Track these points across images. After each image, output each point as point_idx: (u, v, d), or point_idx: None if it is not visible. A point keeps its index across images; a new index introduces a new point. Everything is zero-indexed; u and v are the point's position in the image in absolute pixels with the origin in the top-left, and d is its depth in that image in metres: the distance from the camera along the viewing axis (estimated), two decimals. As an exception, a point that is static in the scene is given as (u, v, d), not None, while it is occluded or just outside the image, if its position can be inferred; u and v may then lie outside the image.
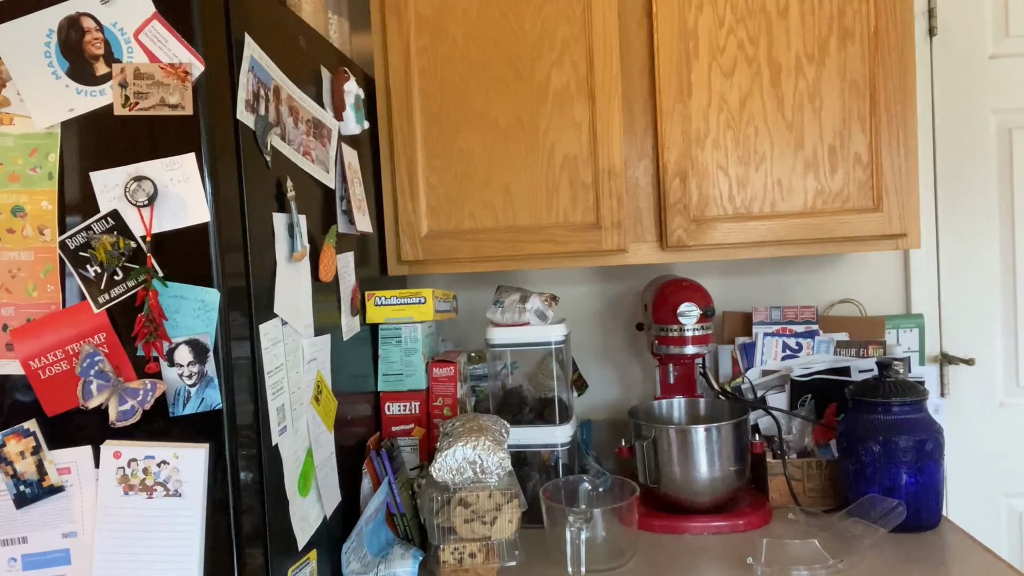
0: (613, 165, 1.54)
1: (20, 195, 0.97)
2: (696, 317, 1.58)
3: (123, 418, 0.96)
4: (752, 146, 1.54)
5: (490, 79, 1.57)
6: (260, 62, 1.08)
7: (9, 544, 0.98)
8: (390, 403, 1.58)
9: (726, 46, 1.53)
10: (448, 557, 1.34)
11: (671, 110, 1.54)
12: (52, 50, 0.96)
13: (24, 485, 0.98)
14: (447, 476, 1.34)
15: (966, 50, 1.85)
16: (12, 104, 0.97)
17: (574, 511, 1.35)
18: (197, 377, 0.97)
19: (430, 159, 1.60)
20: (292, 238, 1.15)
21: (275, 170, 1.12)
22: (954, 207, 1.88)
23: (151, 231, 0.96)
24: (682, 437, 1.51)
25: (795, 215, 1.53)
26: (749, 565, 1.32)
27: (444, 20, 1.57)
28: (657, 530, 1.51)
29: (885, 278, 1.90)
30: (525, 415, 1.64)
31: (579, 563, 1.32)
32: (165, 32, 0.95)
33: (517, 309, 1.61)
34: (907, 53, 1.49)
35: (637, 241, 1.60)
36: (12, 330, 0.97)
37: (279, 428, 1.08)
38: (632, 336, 1.94)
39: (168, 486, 0.96)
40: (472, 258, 1.61)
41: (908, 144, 1.50)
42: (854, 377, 1.65)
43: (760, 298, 1.91)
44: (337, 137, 1.36)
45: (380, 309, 1.56)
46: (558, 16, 1.55)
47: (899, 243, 1.54)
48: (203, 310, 0.96)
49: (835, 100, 1.52)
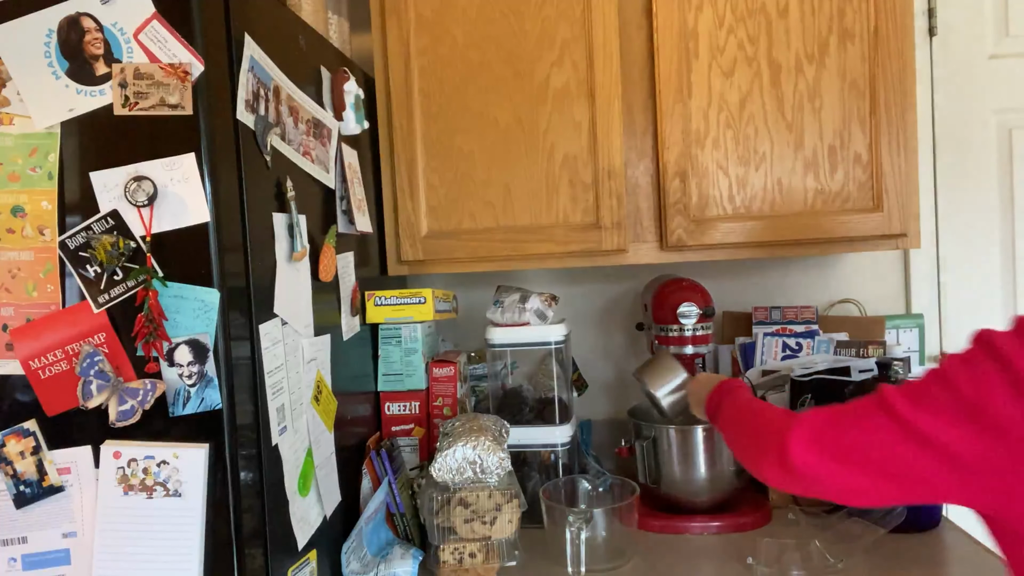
0: (613, 165, 1.54)
1: (20, 195, 0.97)
2: (696, 317, 1.58)
3: (123, 418, 0.96)
4: (752, 146, 1.54)
5: (490, 79, 1.57)
6: (260, 62, 1.08)
7: (9, 544, 0.98)
8: (390, 403, 1.58)
9: (726, 46, 1.53)
10: (448, 557, 1.34)
11: (671, 110, 1.54)
12: (52, 50, 0.96)
13: (24, 485, 0.98)
14: (447, 476, 1.34)
15: (966, 50, 1.85)
16: (12, 104, 0.97)
17: (574, 511, 1.35)
18: (197, 377, 0.97)
19: (430, 159, 1.60)
20: (292, 238, 1.15)
21: (275, 170, 1.12)
22: (954, 207, 1.88)
23: (151, 231, 0.96)
24: (682, 437, 1.51)
25: (795, 215, 1.53)
26: (749, 565, 1.32)
27: (444, 20, 1.57)
28: (657, 530, 1.51)
29: (885, 278, 1.90)
30: (525, 415, 1.64)
31: (579, 563, 1.32)
32: (165, 32, 0.95)
33: (517, 309, 1.61)
34: (907, 53, 1.49)
35: (637, 241, 1.59)
36: (12, 330, 0.97)
37: (279, 428, 1.08)
38: (632, 336, 1.94)
39: (168, 486, 0.96)
40: (472, 258, 1.61)
41: (908, 144, 1.50)
42: (854, 377, 1.65)
43: (760, 298, 1.90)
44: (337, 137, 1.36)
45: (380, 309, 1.56)
46: (558, 16, 1.55)
47: (899, 243, 1.54)
48: (203, 310, 0.96)
49: (835, 100, 1.52)
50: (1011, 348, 0.75)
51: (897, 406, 0.81)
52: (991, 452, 0.75)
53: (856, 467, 0.84)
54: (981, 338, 0.79)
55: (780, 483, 0.93)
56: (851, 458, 0.85)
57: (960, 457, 0.77)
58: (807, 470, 0.88)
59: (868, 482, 0.84)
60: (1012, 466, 0.74)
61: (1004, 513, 0.77)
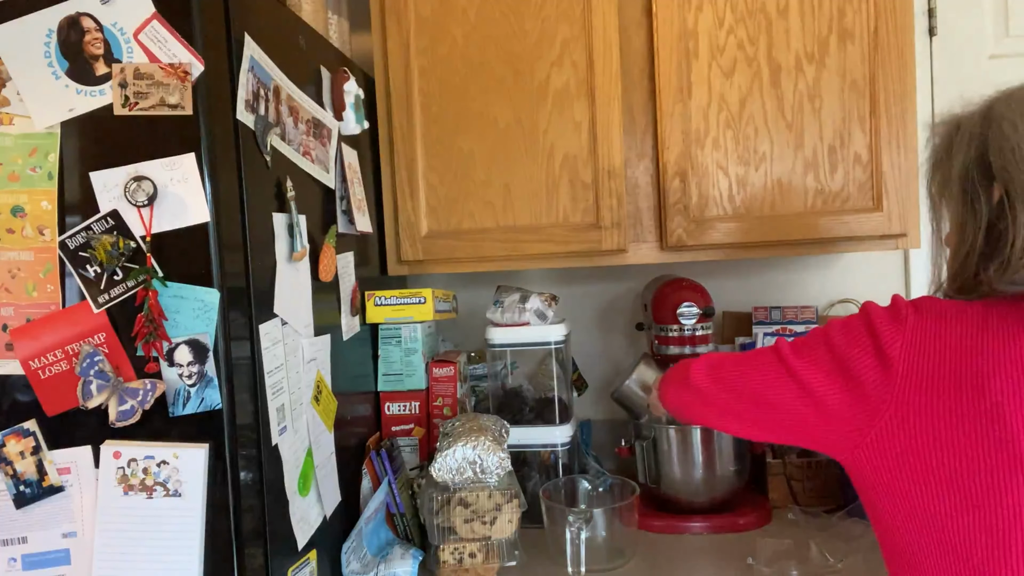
0: (613, 165, 1.54)
1: (20, 195, 0.97)
2: (696, 317, 1.58)
3: (123, 418, 0.96)
4: (752, 146, 1.54)
5: (490, 79, 1.57)
6: (260, 62, 1.08)
7: (9, 544, 0.98)
8: (390, 403, 1.58)
9: (726, 46, 1.53)
10: (448, 557, 1.34)
11: (671, 110, 1.54)
12: (52, 50, 0.96)
13: (24, 485, 0.98)
14: (447, 476, 1.34)
15: (966, 50, 1.85)
16: (12, 104, 0.97)
17: (574, 511, 1.35)
18: (197, 377, 0.97)
19: (430, 159, 1.60)
20: (292, 238, 1.15)
21: (275, 170, 1.12)
22: (954, 207, 1.88)
23: (151, 231, 0.96)
24: (682, 437, 1.51)
25: (795, 215, 1.53)
26: (749, 565, 1.32)
27: (444, 20, 1.57)
28: (657, 530, 1.51)
29: (885, 278, 1.90)
30: (525, 415, 1.64)
31: (579, 563, 1.32)
32: (165, 32, 0.95)
33: (517, 309, 1.61)
34: (907, 53, 1.49)
35: (637, 241, 1.59)
36: (12, 330, 0.97)
37: (279, 428, 1.08)
38: (632, 336, 1.94)
39: (168, 486, 0.96)
40: (472, 258, 1.61)
41: (908, 144, 1.50)
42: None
43: (760, 298, 1.90)
44: (337, 137, 1.36)
45: (380, 309, 1.56)
46: (558, 16, 1.55)
47: (899, 243, 1.54)
48: (203, 310, 0.96)
49: (835, 100, 1.52)
50: (882, 323, 0.88)
51: (784, 352, 0.97)
52: (853, 406, 0.88)
53: (738, 393, 1.02)
54: (864, 309, 0.92)
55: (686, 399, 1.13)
56: (735, 385, 1.03)
57: (827, 404, 0.91)
58: (700, 386, 1.08)
59: (744, 407, 1.02)
60: (868, 420, 0.87)
61: (856, 462, 0.90)
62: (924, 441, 0.83)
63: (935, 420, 0.82)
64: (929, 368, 0.83)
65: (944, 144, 0.93)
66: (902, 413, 0.84)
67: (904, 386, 0.84)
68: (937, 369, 0.83)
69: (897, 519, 0.87)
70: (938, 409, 0.82)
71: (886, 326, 0.87)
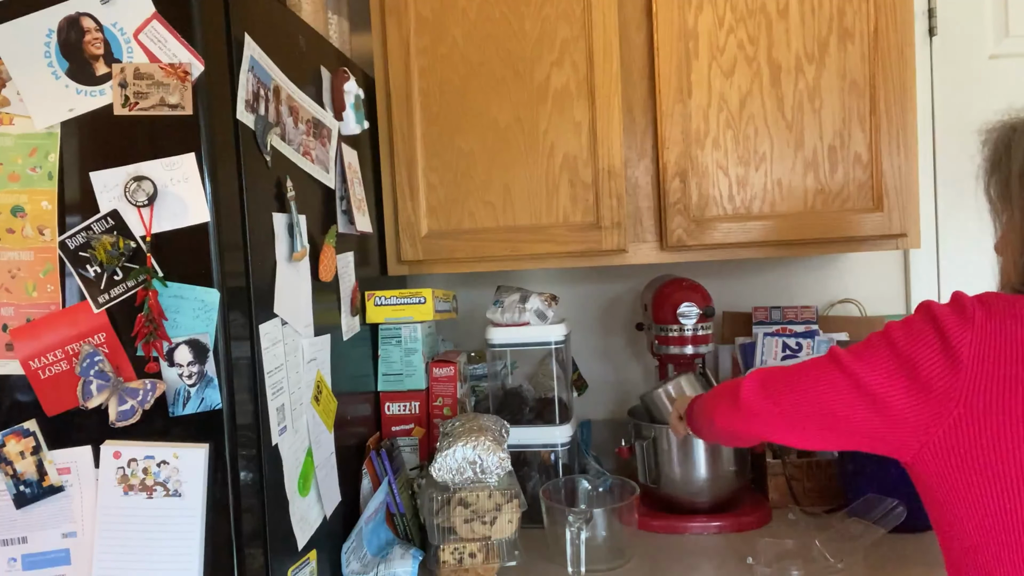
0: (613, 165, 1.54)
1: (20, 195, 0.97)
2: (696, 317, 1.58)
3: (123, 418, 0.96)
4: (752, 146, 1.54)
5: (490, 79, 1.57)
6: (260, 62, 1.08)
7: (9, 544, 0.98)
8: (390, 403, 1.58)
9: (726, 46, 1.53)
10: (448, 557, 1.34)
11: (671, 110, 1.54)
12: (52, 50, 0.96)
13: (24, 485, 0.98)
14: (447, 476, 1.34)
15: (966, 50, 1.85)
16: (12, 104, 0.97)
17: (574, 511, 1.35)
18: (197, 377, 0.97)
19: (430, 159, 1.60)
20: (292, 238, 1.15)
21: (275, 170, 1.12)
22: (954, 207, 1.88)
23: (151, 231, 0.96)
24: (682, 437, 1.51)
25: (795, 215, 1.53)
26: (749, 565, 1.32)
27: (444, 20, 1.57)
28: (657, 530, 1.51)
29: (885, 278, 1.90)
30: (525, 415, 1.64)
31: (579, 563, 1.33)
32: (165, 32, 0.95)
33: (517, 309, 1.61)
34: (907, 53, 1.49)
35: (637, 241, 1.60)
36: (12, 330, 0.97)
37: (279, 428, 1.08)
38: (632, 336, 1.94)
39: (168, 486, 0.96)
40: (472, 258, 1.61)
41: (908, 144, 1.50)
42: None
43: (760, 298, 1.90)
44: (337, 137, 1.36)
45: (380, 309, 1.56)
46: (558, 16, 1.55)
47: (899, 243, 1.54)
48: (203, 310, 0.96)
49: (835, 100, 1.52)
50: (949, 321, 0.86)
51: (842, 358, 0.94)
52: (917, 406, 0.87)
53: (796, 408, 0.98)
54: (924, 307, 0.91)
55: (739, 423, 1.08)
56: (794, 399, 0.99)
57: (891, 407, 0.89)
58: (755, 409, 1.04)
59: (806, 422, 0.98)
60: (935, 419, 0.86)
61: (921, 462, 0.89)
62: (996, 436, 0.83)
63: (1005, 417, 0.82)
64: (1000, 364, 0.83)
65: (1002, 146, 0.93)
66: (972, 412, 0.84)
67: (973, 384, 0.84)
68: (1009, 369, 0.83)
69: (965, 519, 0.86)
70: (1009, 405, 0.82)
71: (954, 323, 0.86)
